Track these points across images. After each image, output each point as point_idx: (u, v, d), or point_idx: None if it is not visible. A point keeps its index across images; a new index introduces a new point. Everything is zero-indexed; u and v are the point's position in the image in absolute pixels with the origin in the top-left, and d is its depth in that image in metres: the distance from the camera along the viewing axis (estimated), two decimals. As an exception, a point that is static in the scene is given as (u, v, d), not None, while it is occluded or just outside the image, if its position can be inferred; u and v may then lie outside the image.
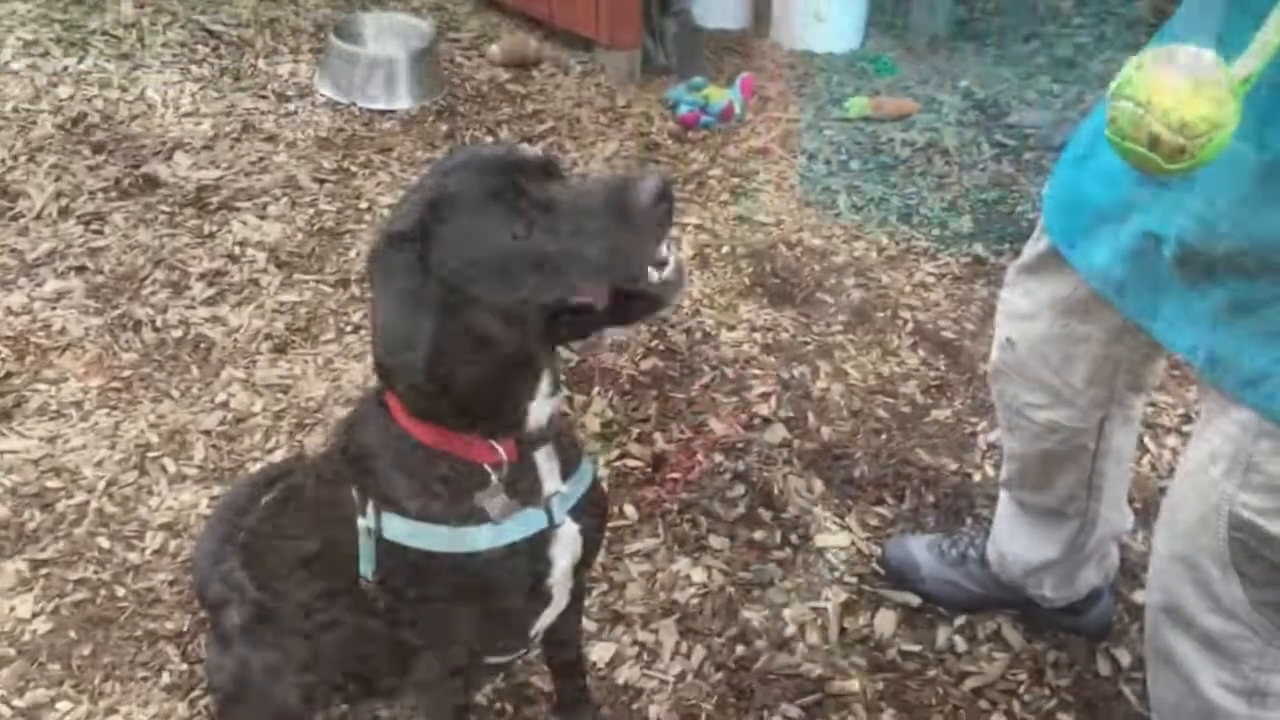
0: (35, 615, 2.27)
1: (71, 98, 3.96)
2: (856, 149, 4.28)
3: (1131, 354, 1.83)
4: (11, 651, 2.20)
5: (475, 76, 4.46)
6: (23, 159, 3.63)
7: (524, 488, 1.56)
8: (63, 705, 2.11)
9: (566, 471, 1.63)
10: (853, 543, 2.55)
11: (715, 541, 2.52)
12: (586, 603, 2.35)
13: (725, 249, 3.56)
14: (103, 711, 2.10)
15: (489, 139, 4.06)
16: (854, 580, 2.46)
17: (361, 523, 1.60)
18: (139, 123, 3.88)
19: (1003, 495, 2.25)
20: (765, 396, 2.95)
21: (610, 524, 2.53)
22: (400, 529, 1.56)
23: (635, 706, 2.18)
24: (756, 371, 3.04)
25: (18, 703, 2.11)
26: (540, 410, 1.52)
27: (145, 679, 2.16)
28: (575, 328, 1.42)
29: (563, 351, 1.55)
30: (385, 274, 1.41)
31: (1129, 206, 1.59)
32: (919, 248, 3.66)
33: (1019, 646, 2.32)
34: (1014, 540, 2.23)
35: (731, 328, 3.21)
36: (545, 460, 1.59)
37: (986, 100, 4.74)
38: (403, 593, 1.62)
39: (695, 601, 2.39)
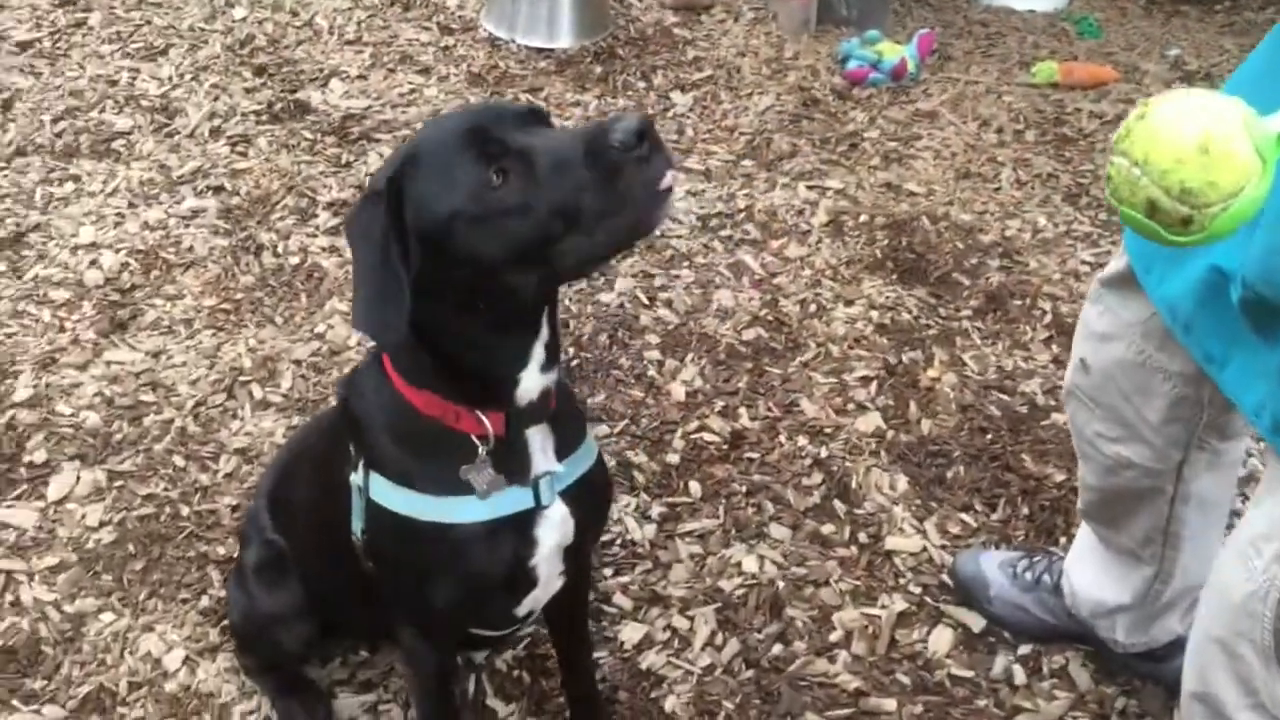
0: (102, 525, 2.36)
1: (244, 19, 4.08)
2: (1036, 118, 3.97)
3: (1215, 394, 1.60)
4: (73, 557, 2.29)
5: (642, 19, 4.36)
6: (187, 77, 3.76)
7: (512, 465, 1.50)
8: (106, 616, 2.19)
9: (564, 451, 1.56)
10: (925, 549, 2.37)
11: (777, 530, 2.39)
12: (626, 579, 2.29)
13: (863, 218, 3.36)
14: (140, 627, 2.17)
15: (640, 84, 3.96)
16: (917, 590, 2.29)
17: (354, 479, 1.57)
18: (303, 48, 3.96)
19: (1082, 525, 2.04)
20: (866, 381, 2.78)
21: (670, 500, 2.45)
22: (384, 491, 1.52)
23: (654, 695, 2.10)
24: (863, 353, 2.86)
25: (67, 608, 2.20)
26: (531, 384, 1.45)
27: (186, 601, 2.22)
28: (558, 280, 1.36)
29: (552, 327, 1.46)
30: (357, 234, 1.36)
31: None
32: (1079, 232, 3.37)
33: (1085, 687, 2.11)
34: (1085, 575, 2.02)
35: (849, 303, 3.03)
36: (538, 438, 1.52)
37: (1198, 72, 4.32)
38: (384, 554, 1.59)
39: (741, 592, 2.27)
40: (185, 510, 2.40)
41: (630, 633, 2.19)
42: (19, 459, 2.49)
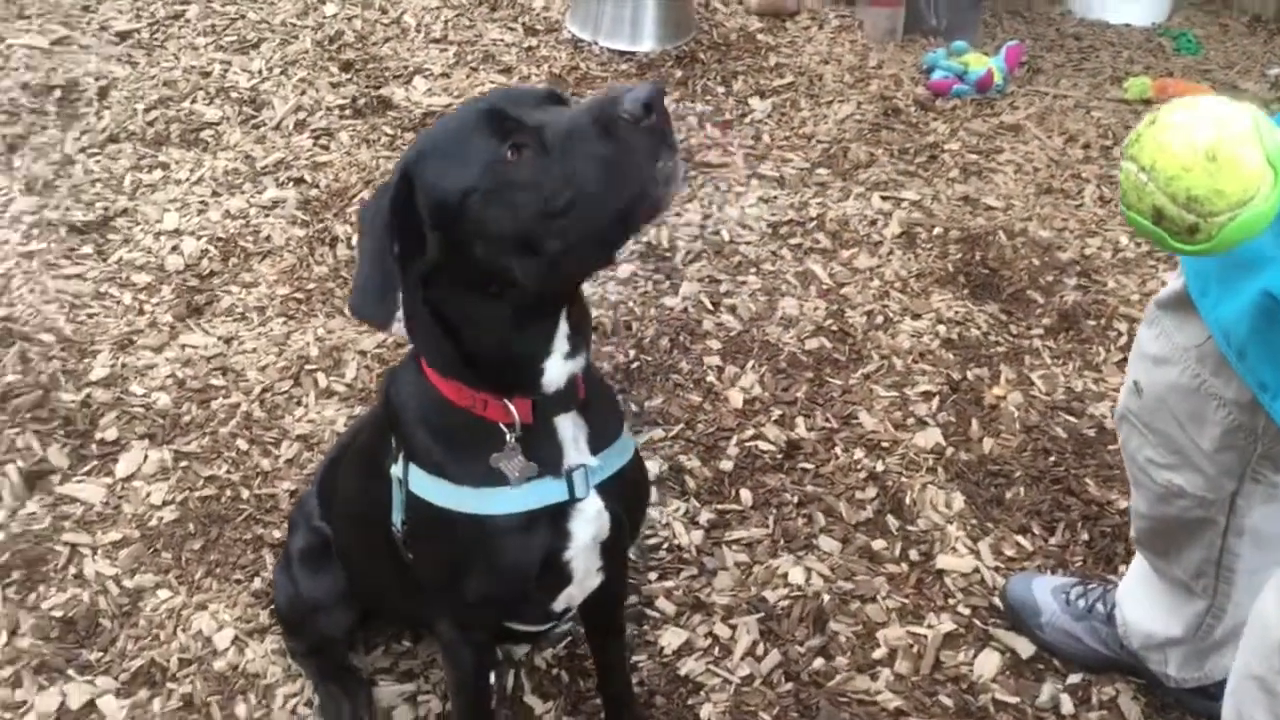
0: (165, 503, 2.43)
1: (334, 16, 4.16)
2: (1125, 134, 3.86)
3: (1270, 424, 1.54)
4: (136, 534, 2.36)
5: (726, 24, 4.35)
6: (276, 71, 3.85)
7: (544, 455, 1.50)
8: (163, 593, 2.25)
9: (599, 444, 1.56)
10: (978, 570, 2.33)
11: (826, 543, 2.37)
12: (671, 584, 2.28)
13: (937, 230, 3.31)
14: (195, 605, 2.23)
15: (720, 89, 3.95)
16: (966, 612, 2.25)
17: (394, 471, 1.59)
18: (390, 45, 4.03)
19: (1137, 554, 1.99)
20: (928, 396, 2.74)
21: (720, 507, 2.44)
22: (422, 483, 1.54)
23: (690, 701, 2.09)
24: (927, 367, 2.82)
25: (126, 583, 2.26)
26: (557, 371, 1.45)
27: (239, 582, 2.27)
28: (575, 258, 1.33)
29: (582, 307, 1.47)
30: (364, 221, 1.38)
31: (1261, 257, 1.32)
32: (1162, 253, 3.28)
33: (1135, 721, 2.06)
34: (1138, 605, 1.96)
35: (917, 316, 2.99)
36: (569, 428, 1.52)
37: (1299, 93, 4.18)
38: (421, 546, 1.61)
39: (785, 603, 2.25)
40: (245, 493, 2.45)
41: (671, 638, 2.18)
42: (91, 435, 2.57)
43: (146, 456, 2.52)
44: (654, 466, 2.51)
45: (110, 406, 2.63)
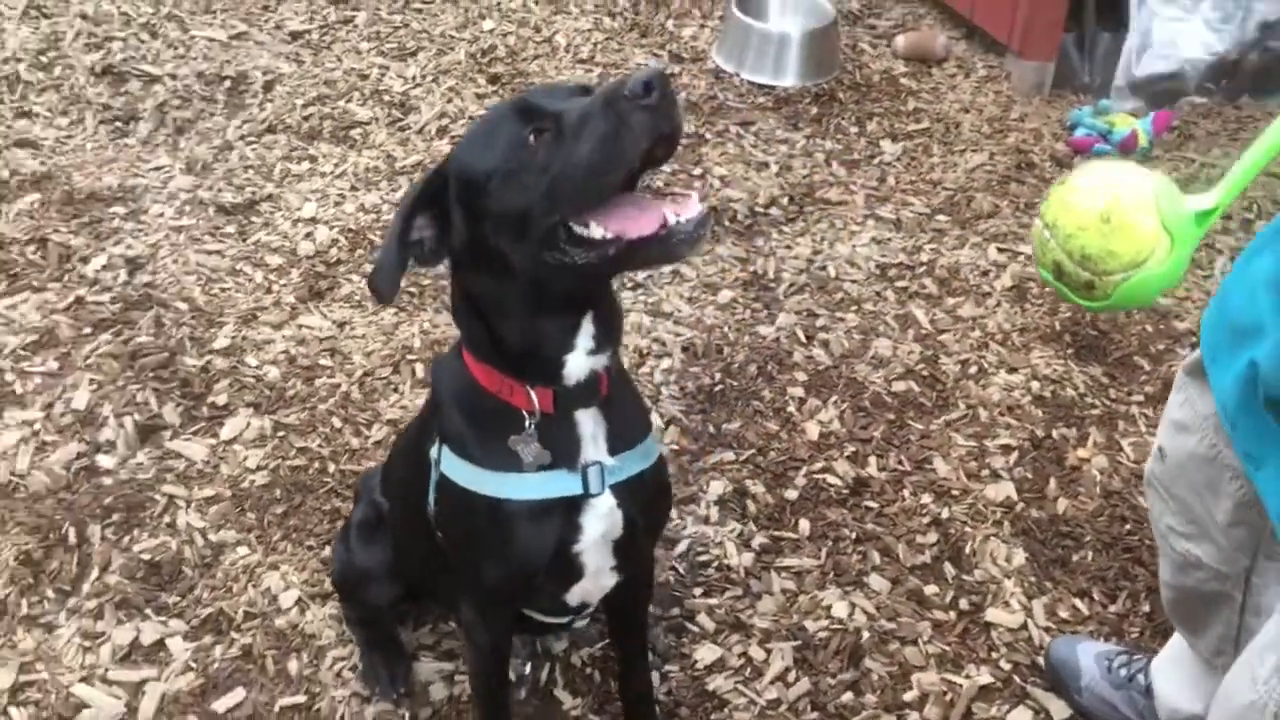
0: (258, 469, 2.59)
1: (491, 31, 4.35)
2: (1273, 210, 3.73)
3: (1281, 500, 1.51)
4: (228, 493, 2.53)
5: (870, 66, 4.37)
6: (429, 79, 4.05)
7: (561, 447, 1.58)
8: (242, 550, 2.41)
9: (618, 445, 1.63)
10: (1026, 626, 2.30)
11: (876, 581, 2.38)
12: (714, 601, 2.33)
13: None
14: (268, 564, 2.38)
15: (853, 129, 3.98)
16: (1006, 667, 2.23)
17: (432, 452, 1.69)
18: (538, 62, 4.19)
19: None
20: (1007, 450, 2.71)
21: (776, 533, 2.47)
22: (449, 462, 1.64)
23: (714, 717, 2.13)
24: (1013, 422, 2.79)
25: (211, 536, 2.44)
26: (579, 365, 1.53)
27: (311, 548, 2.41)
28: (590, 259, 1.41)
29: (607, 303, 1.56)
30: (401, 204, 1.49)
31: (1258, 326, 1.31)
32: None
33: (1162, 798, 2.00)
34: (1168, 679, 1.92)
35: (1013, 370, 2.96)
36: (589, 424, 1.59)
37: None
38: (446, 525, 1.71)
39: (824, 635, 2.27)
40: (331, 468, 2.60)
41: (705, 653, 2.23)
42: (204, 399, 2.76)
43: (249, 423, 2.69)
44: (718, 487, 2.56)
45: (225, 374, 2.82)
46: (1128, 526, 2.54)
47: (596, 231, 1.39)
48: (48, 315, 2.97)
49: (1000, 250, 3.41)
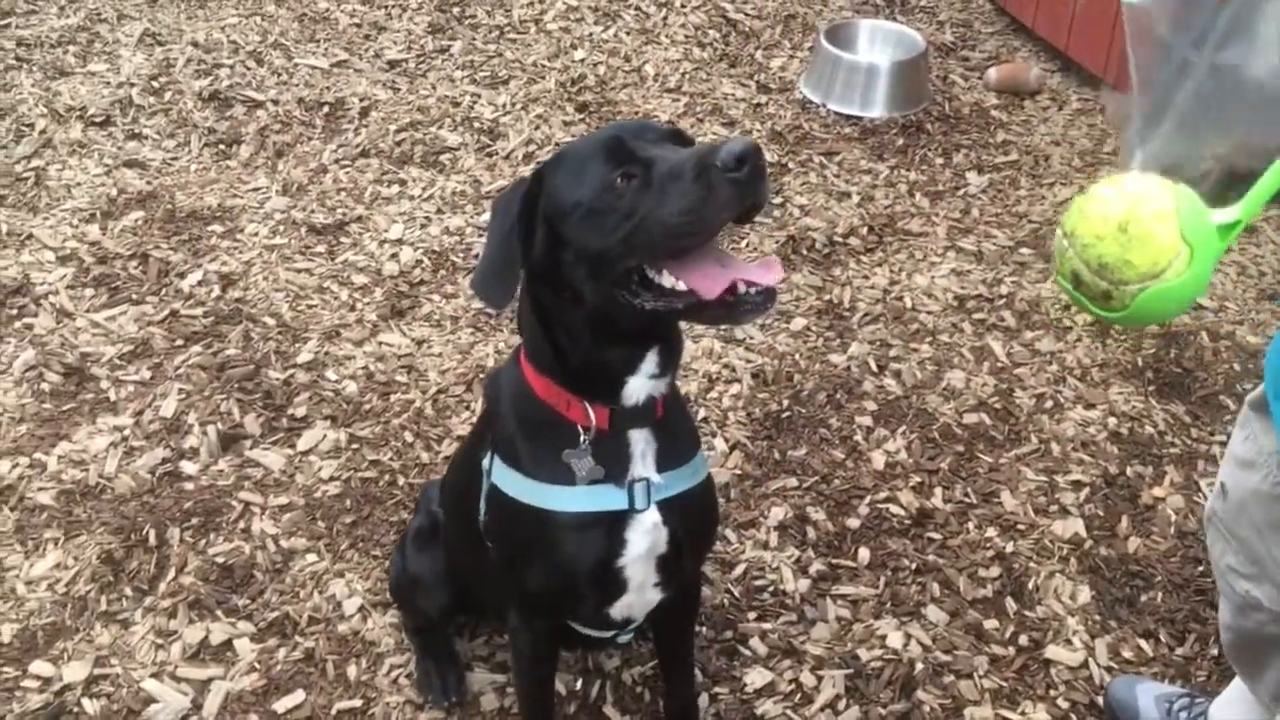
0: (331, 479, 2.67)
1: (582, 60, 4.43)
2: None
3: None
4: (301, 501, 2.61)
5: (961, 98, 4.34)
6: (518, 107, 4.14)
7: (611, 463, 1.61)
8: (310, 557, 2.48)
9: (666, 464, 1.65)
10: (1086, 665, 2.25)
11: (934, 613, 2.35)
12: (768, 626, 2.32)
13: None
14: (334, 572, 2.45)
15: (939, 160, 3.96)
16: (1064, 705, 2.19)
17: (484, 463, 1.74)
18: (626, 91, 4.26)
19: (1239, 668, 1.89)
20: (1079, 486, 2.66)
21: (834, 561, 2.46)
22: (499, 472, 1.68)
23: (760, 741, 2.13)
24: (1086, 458, 2.74)
25: (283, 543, 2.52)
26: (639, 388, 1.56)
27: (376, 557, 2.48)
28: (658, 307, 1.44)
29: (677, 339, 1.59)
30: (498, 209, 1.54)
31: None
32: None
33: None
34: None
35: (1090, 406, 2.91)
36: (640, 443, 1.62)
37: None
38: (494, 533, 1.75)
39: (877, 665, 2.25)
40: (401, 480, 2.67)
41: (755, 677, 2.23)
42: (285, 410, 2.86)
43: (325, 435, 2.78)
44: (779, 513, 2.56)
45: (306, 388, 2.92)
46: (1201, 568, 2.47)
47: (668, 281, 1.42)
48: (144, 327, 3.10)
49: (1084, 284, 3.34)
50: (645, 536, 1.65)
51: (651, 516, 1.64)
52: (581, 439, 1.59)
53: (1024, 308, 3.25)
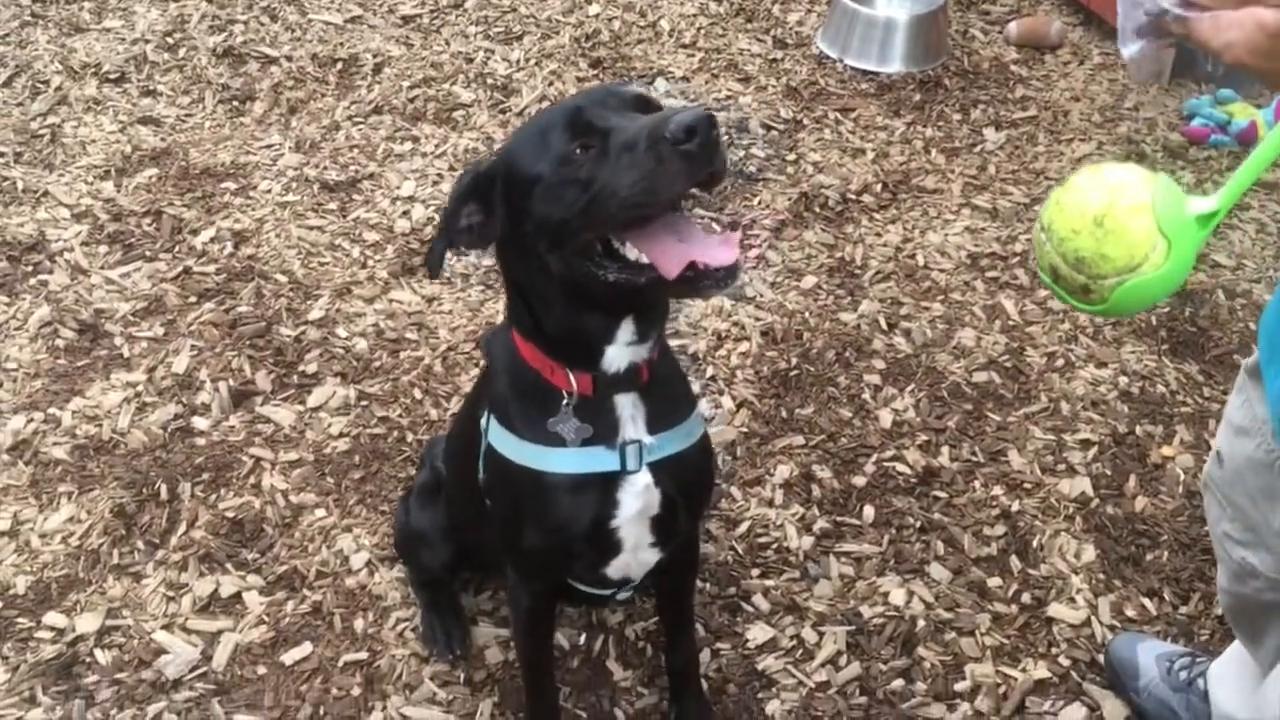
0: (340, 435, 2.69)
1: (596, 15, 4.39)
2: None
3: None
4: (310, 457, 2.64)
5: (981, 53, 4.28)
6: (531, 62, 4.12)
7: (599, 426, 1.61)
8: (319, 512, 2.51)
9: (658, 425, 1.65)
10: (1089, 623, 2.26)
11: (937, 571, 2.36)
12: (771, 583, 2.34)
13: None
14: (343, 527, 2.47)
15: (956, 116, 3.91)
16: (1065, 663, 2.19)
17: (482, 421, 1.75)
18: (640, 47, 4.23)
19: (1238, 630, 1.88)
20: (1087, 445, 2.65)
21: (838, 519, 2.47)
22: (494, 432, 1.69)
23: (760, 695, 2.15)
24: (1095, 417, 2.72)
25: (293, 498, 2.54)
26: (618, 356, 1.56)
27: (384, 513, 2.50)
28: (620, 279, 1.44)
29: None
30: (462, 176, 1.55)
31: None
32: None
33: (1216, 805, 1.94)
34: (1223, 685, 1.87)
35: (1101, 364, 2.89)
36: (628, 407, 1.62)
37: None
38: (492, 492, 1.76)
39: (879, 621, 2.27)
40: (409, 437, 2.69)
41: (757, 633, 2.24)
42: (296, 367, 2.87)
43: (335, 392, 2.80)
44: (785, 471, 2.57)
45: (317, 344, 2.93)
46: (1207, 528, 2.45)
47: (631, 253, 1.42)
48: (158, 284, 3.12)
49: (1099, 242, 3.31)
50: (637, 498, 1.65)
51: (643, 478, 1.64)
52: (564, 404, 1.59)
53: (1038, 266, 3.21)
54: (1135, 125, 3.91)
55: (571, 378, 1.57)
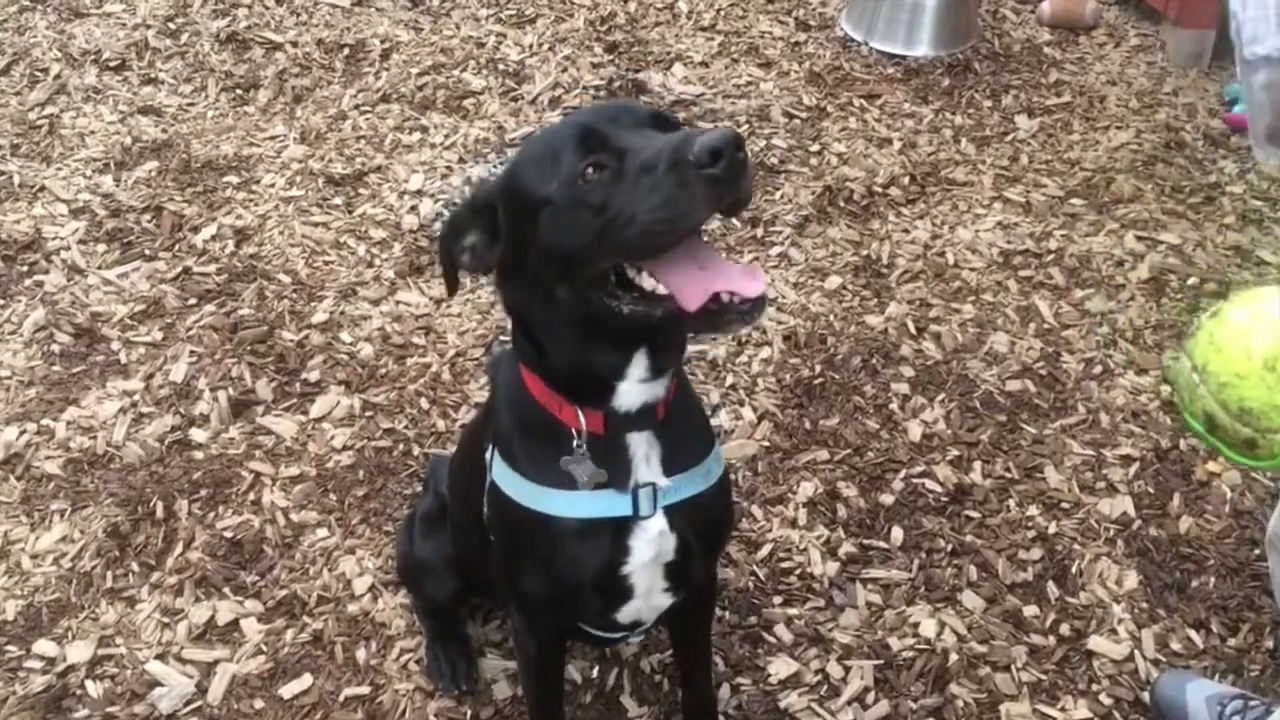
0: (345, 448, 2.58)
1: (614, -2, 4.25)
2: None
3: None
4: (313, 472, 2.53)
5: (1012, 34, 4.12)
6: (545, 47, 3.97)
7: (611, 468, 1.49)
8: (321, 532, 2.40)
9: (674, 466, 1.53)
10: (1132, 657, 2.13)
11: (970, 599, 2.23)
12: (794, 611, 2.22)
13: (1192, 280, 3.02)
14: (345, 548, 2.36)
15: (986, 103, 3.76)
16: (1107, 701, 2.07)
17: (486, 455, 1.63)
18: (658, 30, 4.08)
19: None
20: (1128, 461, 2.51)
21: (865, 541, 2.34)
22: (499, 469, 1.57)
23: (783, 735, 2.03)
24: (1136, 430, 2.59)
25: (294, 516, 2.43)
26: (631, 393, 1.44)
27: (388, 533, 2.39)
28: (635, 311, 1.32)
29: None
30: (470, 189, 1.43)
31: None
32: None
33: None
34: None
35: (1142, 371, 2.75)
36: (641, 446, 1.50)
37: None
38: (495, 530, 1.64)
39: (909, 655, 2.14)
40: (416, 450, 2.57)
41: (780, 667, 2.12)
42: (298, 375, 2.76)
43: (339, 402, 2.68)
44: (808, 488, 2.45)
45: (320, 350, 2.82)
46: (1257, 551, 2.32)
47: (648, 283, 1.30)
48: (156, 285, 3.01)
49: (1139, 239, 3.17)
50: (650, 544, 1.53)
51: (657, 524, 1.52)
52: (575, 444, 1.47)
53: (1074, 264, 3.08)
54: (1174, 112, 3.75)
55: (581, 416, 1.45)
